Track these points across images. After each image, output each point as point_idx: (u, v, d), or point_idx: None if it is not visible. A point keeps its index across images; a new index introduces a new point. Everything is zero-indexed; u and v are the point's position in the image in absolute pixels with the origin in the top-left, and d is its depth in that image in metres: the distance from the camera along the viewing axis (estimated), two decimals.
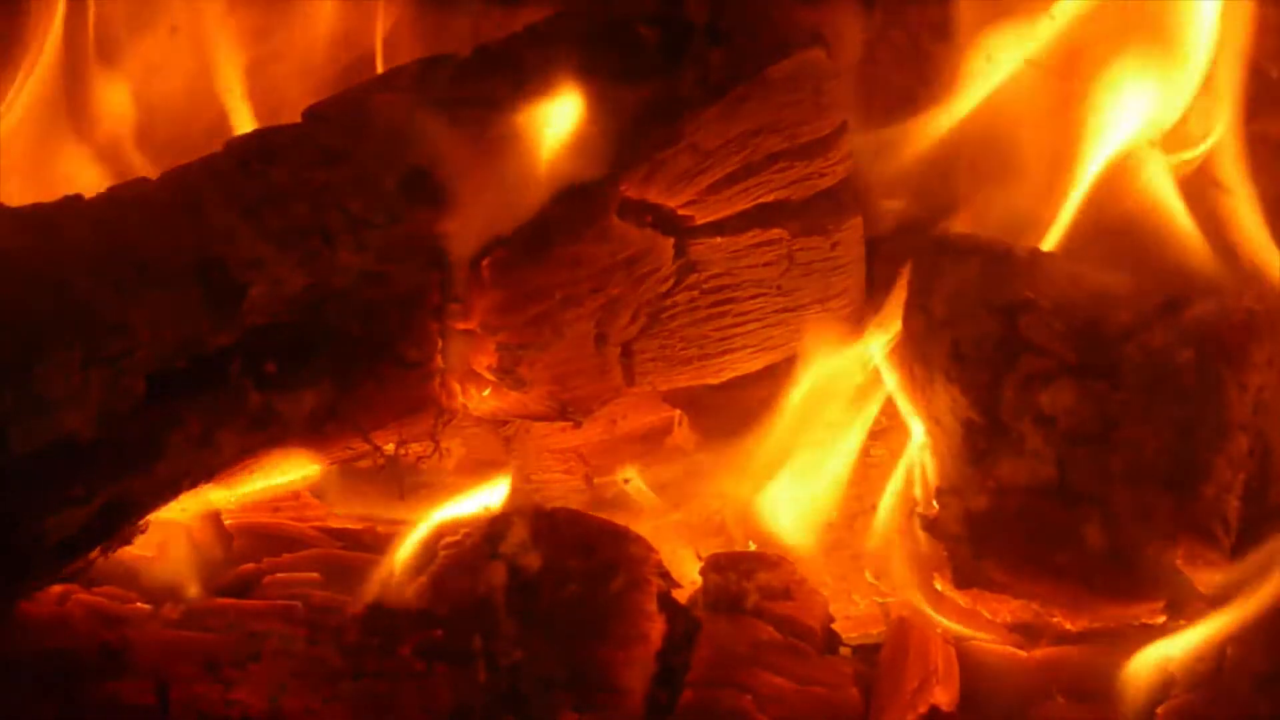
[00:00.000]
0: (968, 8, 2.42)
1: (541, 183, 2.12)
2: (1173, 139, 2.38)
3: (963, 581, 2.13)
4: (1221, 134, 2.37)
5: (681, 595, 2.13)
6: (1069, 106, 2.38)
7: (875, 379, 2.29)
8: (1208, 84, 2.35)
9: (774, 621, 2.08)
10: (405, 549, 2.13)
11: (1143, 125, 2.35)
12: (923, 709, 2.03)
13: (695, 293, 2.22)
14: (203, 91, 2.53)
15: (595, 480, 2.37)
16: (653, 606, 2.06)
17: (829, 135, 2.26)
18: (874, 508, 2.28)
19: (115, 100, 2.55)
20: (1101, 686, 2.05)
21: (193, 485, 2.03)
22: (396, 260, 2.07)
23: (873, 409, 2.30)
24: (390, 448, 2.14)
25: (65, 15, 2.50)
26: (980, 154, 2.40)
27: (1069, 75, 2.38)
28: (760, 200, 2.24)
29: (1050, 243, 2.33)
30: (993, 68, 2.39)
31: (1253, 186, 2.37)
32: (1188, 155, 2.37)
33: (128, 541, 2.04)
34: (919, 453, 2.24)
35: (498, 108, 2.14)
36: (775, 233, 2.25)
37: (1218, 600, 2.05)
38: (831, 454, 2.29)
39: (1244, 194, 2.36)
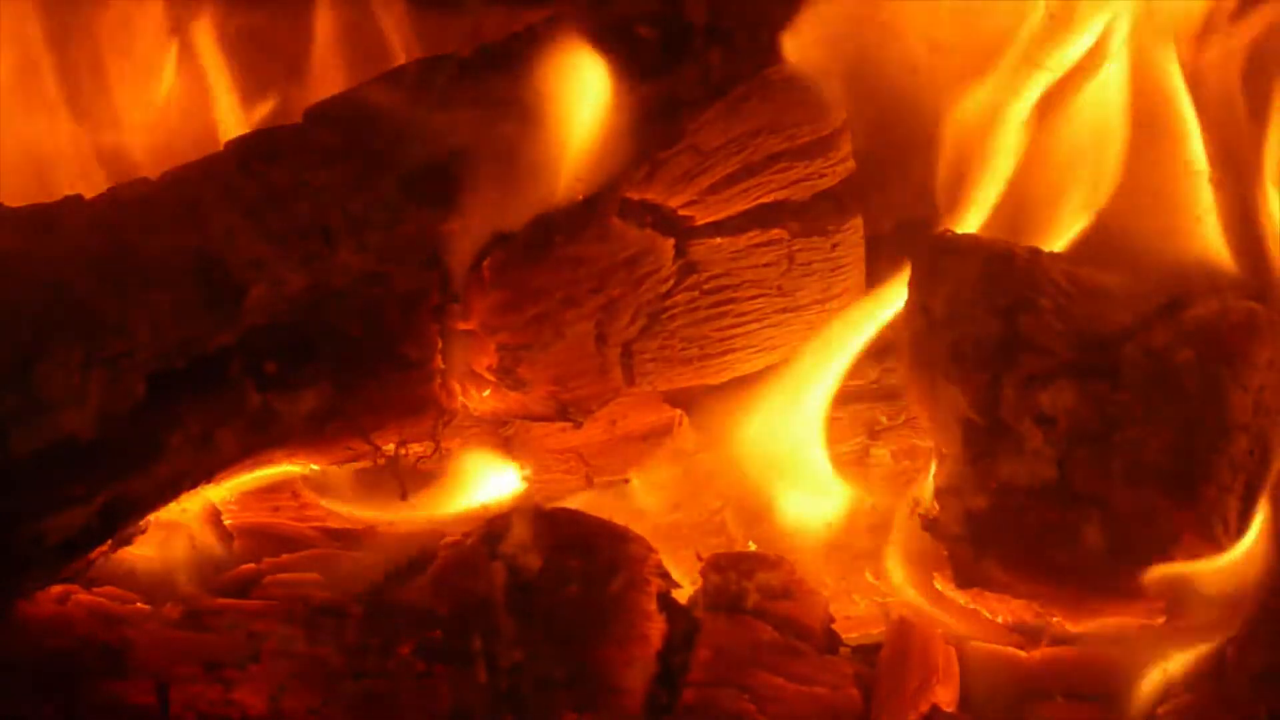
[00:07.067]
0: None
1: (541, 183, 2.12)
2: None
3: (963, 581, 2.13)
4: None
5: (681, 595, 2.13)
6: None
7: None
8: None
9: (774, 621, 2.08)
10: (404, 548, 2.14)
11: None
12: (923, 709, 2.03)
13: (695, 293, 2.22)
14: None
15: (595, 480, 2.37)
16: (653, 606, 2.06)
17: (829, 135, 2.26)
18: (874, 508, 2.27)
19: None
20: (1101, 686, 2.05)
21: (193, 485, 2.03)
22: (396, 260, 2.07)
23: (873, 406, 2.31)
24: (390, 448, 2.14)
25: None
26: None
27: None
28: (760, 201, 2.24)
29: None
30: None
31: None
32: None
33: (128, 541, 2.04)
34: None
35: (498, 108, 2.14)
36: (775, 233, 2.25)
37: (1218, 601, 2.06)
38: (831, 452, 2.29)
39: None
